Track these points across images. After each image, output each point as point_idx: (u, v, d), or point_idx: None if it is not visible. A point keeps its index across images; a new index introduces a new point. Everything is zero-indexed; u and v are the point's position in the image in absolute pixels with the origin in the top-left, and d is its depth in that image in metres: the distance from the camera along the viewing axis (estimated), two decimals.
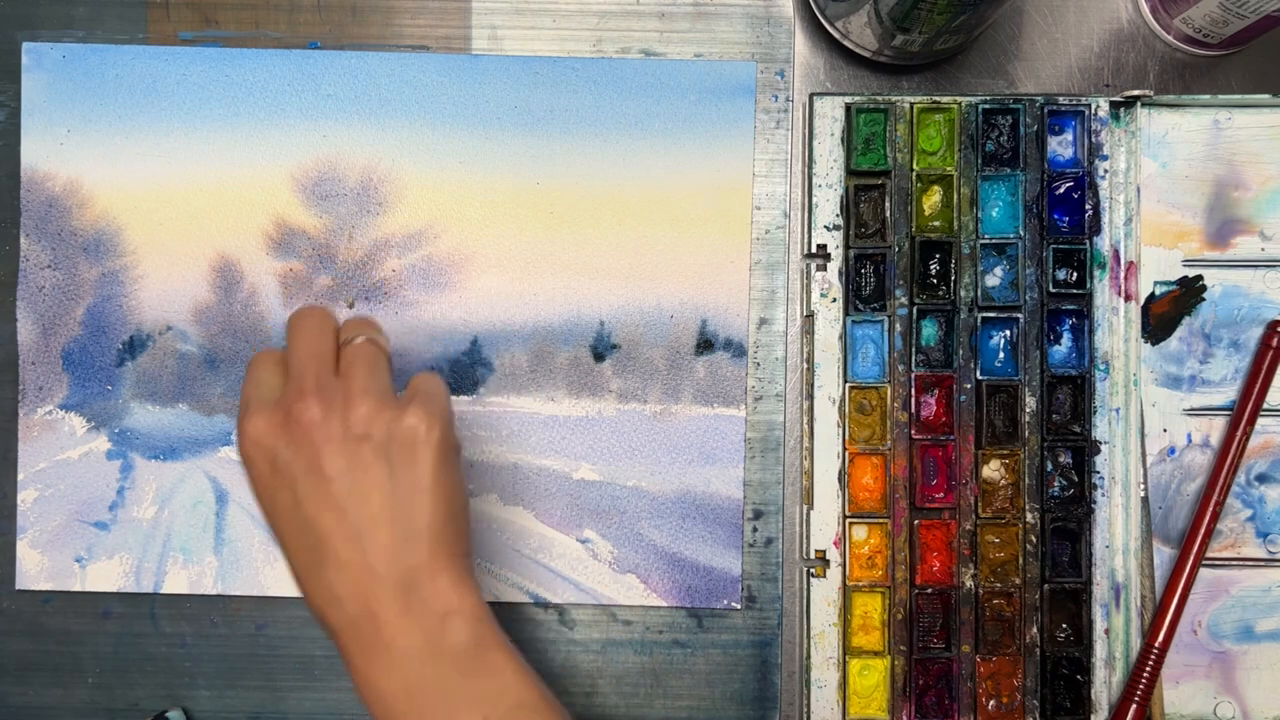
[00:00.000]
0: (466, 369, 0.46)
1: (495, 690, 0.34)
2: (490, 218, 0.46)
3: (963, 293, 0.45)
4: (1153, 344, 0.46)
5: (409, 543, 0.34)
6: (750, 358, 0.46)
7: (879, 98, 0.45)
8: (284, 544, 0.35)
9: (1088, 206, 0.45)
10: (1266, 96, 0.45)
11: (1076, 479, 0.45)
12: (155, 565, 0.46)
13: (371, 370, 0.35)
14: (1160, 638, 0.44)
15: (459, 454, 0.36)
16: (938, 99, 0.45)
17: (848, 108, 0.45)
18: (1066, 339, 0.45)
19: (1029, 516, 0.45)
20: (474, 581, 0.35)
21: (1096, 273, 0.45)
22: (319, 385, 0.35)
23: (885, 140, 0.45)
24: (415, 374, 0.37)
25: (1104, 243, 0.45)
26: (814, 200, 0.46)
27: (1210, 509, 0.44)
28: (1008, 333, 0.45)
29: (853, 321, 0.45)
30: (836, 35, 0.46)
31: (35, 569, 0.46)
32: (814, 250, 0.46)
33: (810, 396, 0.45)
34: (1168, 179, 0.46)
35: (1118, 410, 0.45)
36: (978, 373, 0.45)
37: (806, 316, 0.46)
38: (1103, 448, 0.45)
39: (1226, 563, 0.46)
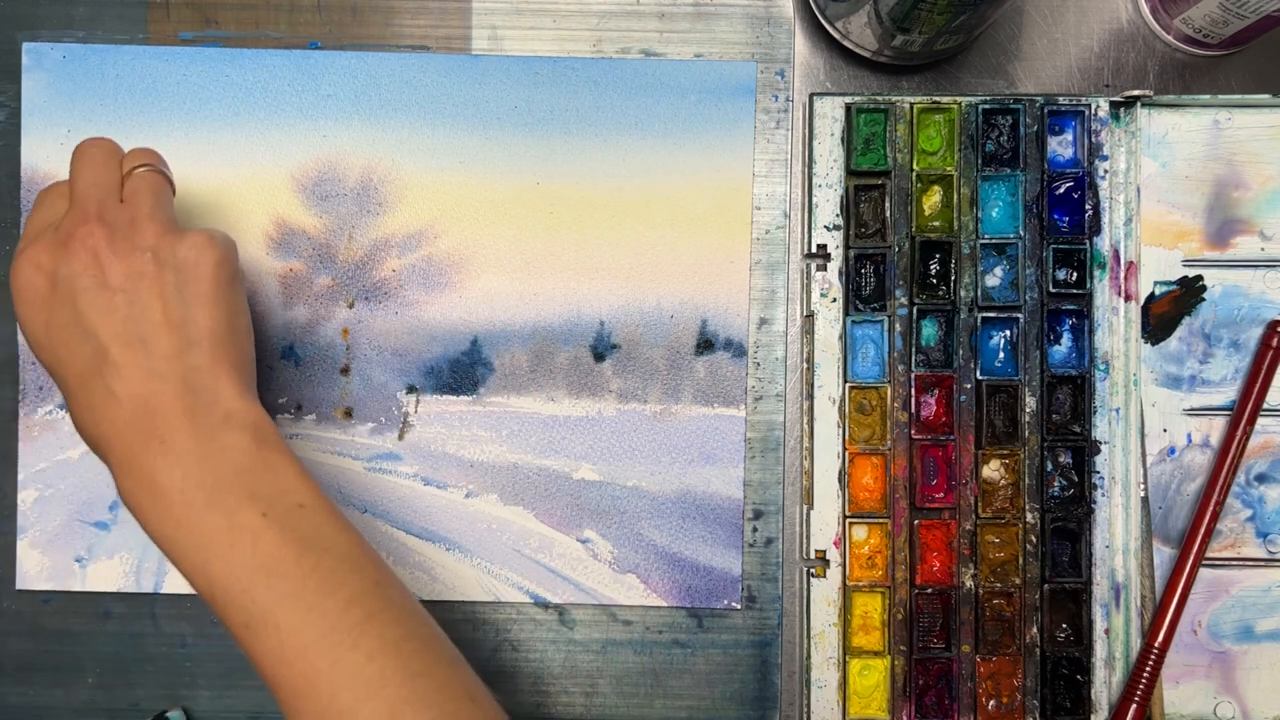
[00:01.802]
0: (466, 369, 0.46)
1: (276, 489, 0.34)
2: (490, 218, 0.46)
3: (963, 293, 0.45)
4: (1153, 344, 0.46)
5: (191, 347, 0.35)
6: (750, 358, 0.46)
7: (879, 98, 0.45)
8: (58, 363, 0.35)
9: (1088, 206, 0.45)
10: (1266, 96, 0.45)
11: (1076, 479, 0.45)
12: (155, 565, 0.46)
13: (156, 199, 0.37)
14: (1160, 638, 0.44)
15: (240, 284, 0.38)
16: (938, 99, 0.45)
17: (848, 108, 0.45)
18: (1066, 339, 0.45)
19: (1029, 516, 0.45)
20: (256, 398, 0.36)
21: (1096, 273, 0.45)
22: (103, 210, 0.36)
23: (885, 140, 0.45)
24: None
25: (1104, 243, 0.45)
26: (814, 200, 0.46)
27: (1210, 509, 0.44)
28: (1008, 333, 0.45)
29: (853, 321, 0.45)
30: (836, 35, 0.46)
31: (35, 569, 0.46)
32: (814, 250, 0.46)
33: (810, 396, 0.45)
34: (1168, 179, 0.46)
35: (1118, 410, 0.45)
36: (978, 373, 0.45)
37: (806, 316, 0.46)
38: (1103, 448, 0.45)
39: (1226, 563, 0.46)
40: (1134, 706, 0.44)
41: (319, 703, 0.32)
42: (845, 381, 0.45)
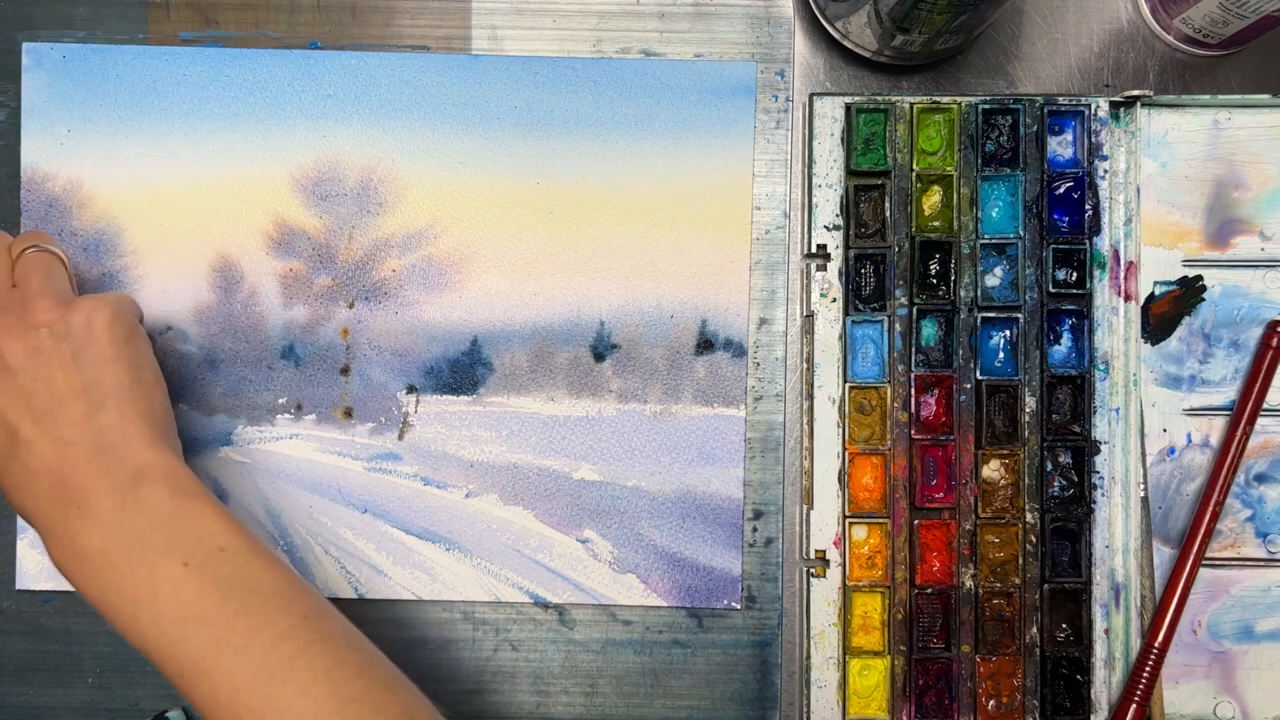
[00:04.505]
0: (466, 369, 0.46)
1: (195, 536, 0.34)
2: (490, 218, 0.46)
3: (963, 293, 0.45)
4: (1152, 344, 0.46)
5: (98, 409, 0.35)
6: (750, 358, 0.46)
7: (879, 98, 0.45)
8: None
9: (1087, 206, 0.45)
10: (1266, 96, 0.45)
11: (1076, 479, 0.45)
12: None
13: (45, 276, 0.38)
14: (1160, 638, 0.44)
15: (141, 337, 0.39)
16: (938, 99, 0.45)
17: (848, 108, 0.45)
18: (1066, 339, 0.45)
19: (1029, 516, 0.45)
20: (173, 448, 0.37)
21: (1096, 273, 0.45)
22: None
23: (885, 140, 0.45)
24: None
25: (1104, 243, 0.45)
26: (814, 200, 0.46)
27: (1210, 509, 0.44)
28: (1007, 333, 0.45)
29: (853, 321, 0.45)
30: (836, 35, 0.46)
31: (35, 569, 0.46)
32: (814, 250, 0.46)
33: (810, 396, 0.45)
34: (1168, 179, 0.46)
35: (1117, 410, 0.45)
36: (977, 373, 0.45)
37: (806, 316, 0.46)
38: (1103, 448, 0.45)
39: (1226, 563, 0.46)
40: (1134, 706, 0.44)
41: None
42: (845, 381, 0.45)
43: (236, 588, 0.34)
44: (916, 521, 0.45)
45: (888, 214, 0.45)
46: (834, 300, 0.45)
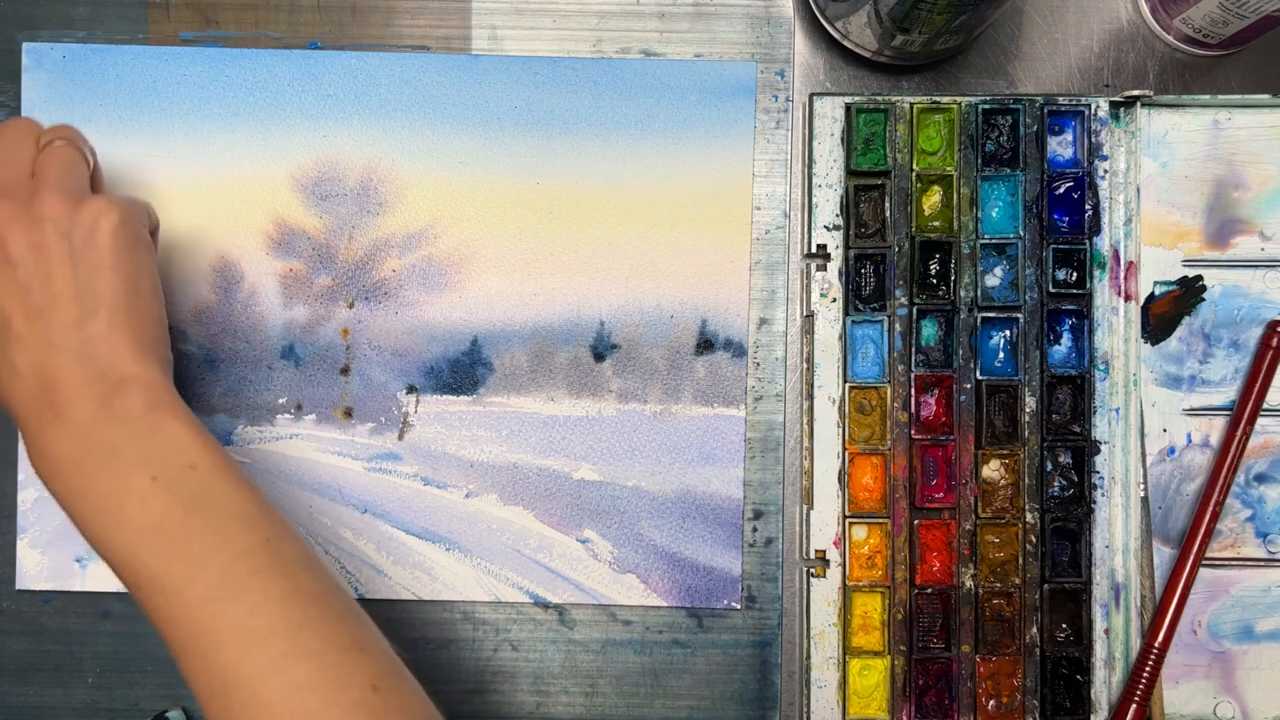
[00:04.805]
0: (466, 369, 0.46)
1: (167, 451, 0.34)
2: (490, 218, 0.46)
3: (963, 293, 0.45)
4: (1152, 344, 0.46)
5: (89, 315, 0.35)
6: (750, 358, 0.46)
7: (879, 98, 0.45)
8: None
9: (1087, 206, 0.45)
10: (1266, 96, 0.45)
11: (1076, 479, 0.45)
12: None
13: (62, 170, 0.37)
14: (1160, 638, 0.44)
15: (145, 247, 0.37)
16: (938, 99, 0.45)
17: (848, 108, 0.45)
18: (1066, 339, 0.45)
19: (1029, 516, 0.45)
20: (160, 362, 0.36)
21: (1096, 273, 0.45)
22: (8, 186, 0.36)
23: (885, 140, 0.45)
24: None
25: (1104, 243, 0.45)
26: (814, 200, 0.46)
27: (1210, 509, 0.44)
28: (1007, 333, 0.45)
29: (853, 321, 0.45)
30: (836, 35, 0.46)
31: (35, 569, 0.46)
32: (814, 250, 0.46)
33: (810, 396, 0.45)
34: (1168, 179, 0.46)
35: (1117, 410, 0.45)
36: (977, 373, 0.45)
37: (806, 316, 0.46)
38: (1102, 448, 0.45)
39: (1226, 563, 0.46)
40: (1134, 706, 0.44)
41: (204, 658, 0.32)
42: (845, 381, 0.45)
43: (201, 505, 0.34)
44: (916, 521, 0.45)
45: (888, 214, 0.45)
46: (834, 300, 0.45)
